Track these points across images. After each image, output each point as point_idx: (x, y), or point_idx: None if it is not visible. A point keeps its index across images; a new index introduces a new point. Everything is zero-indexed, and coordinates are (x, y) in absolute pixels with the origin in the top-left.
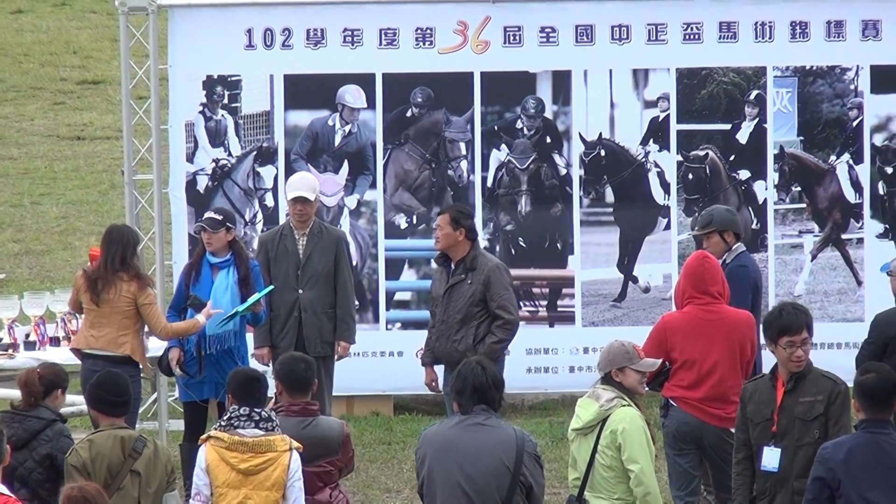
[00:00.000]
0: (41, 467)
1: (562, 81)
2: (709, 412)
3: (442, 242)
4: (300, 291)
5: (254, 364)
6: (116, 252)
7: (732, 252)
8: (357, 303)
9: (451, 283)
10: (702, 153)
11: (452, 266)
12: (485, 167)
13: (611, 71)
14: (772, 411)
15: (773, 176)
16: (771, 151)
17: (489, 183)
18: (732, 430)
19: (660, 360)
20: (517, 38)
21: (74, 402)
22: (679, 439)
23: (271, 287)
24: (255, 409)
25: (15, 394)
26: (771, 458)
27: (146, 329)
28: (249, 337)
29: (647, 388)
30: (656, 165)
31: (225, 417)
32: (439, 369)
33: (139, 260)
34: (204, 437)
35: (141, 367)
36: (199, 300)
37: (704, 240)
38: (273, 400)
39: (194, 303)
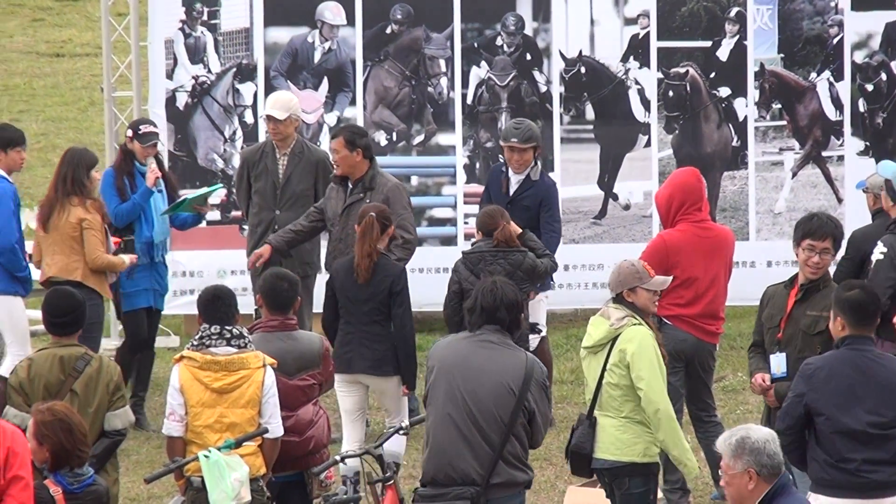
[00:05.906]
0: None
1: None
2: (704, 328)
3: (341, 167)
4: (277, 212)
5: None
6: (67, 173)
7: (537, 167)
8: None
9: (350, 202)
10: (682, 70)
11: (350, 185)
12: (465, 84)
13: None
14: (781, 319)
15: (753, 93)
16: (751, 69)
17: (469, 100)
18: (717, 346)
19: (670, 278)
20: None
21: None
22: (674, 357)
23: (220, 185)
24: (226, 327)
25: None
26: (778, 363)
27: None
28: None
29: None
30: (637, 83)
31: (197, 336)
32: None
33: (89, 182)
34: (177, 356)
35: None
36: (131, 243)
37: (518, 153)
38: (254, 314)
39: (126, 245)
